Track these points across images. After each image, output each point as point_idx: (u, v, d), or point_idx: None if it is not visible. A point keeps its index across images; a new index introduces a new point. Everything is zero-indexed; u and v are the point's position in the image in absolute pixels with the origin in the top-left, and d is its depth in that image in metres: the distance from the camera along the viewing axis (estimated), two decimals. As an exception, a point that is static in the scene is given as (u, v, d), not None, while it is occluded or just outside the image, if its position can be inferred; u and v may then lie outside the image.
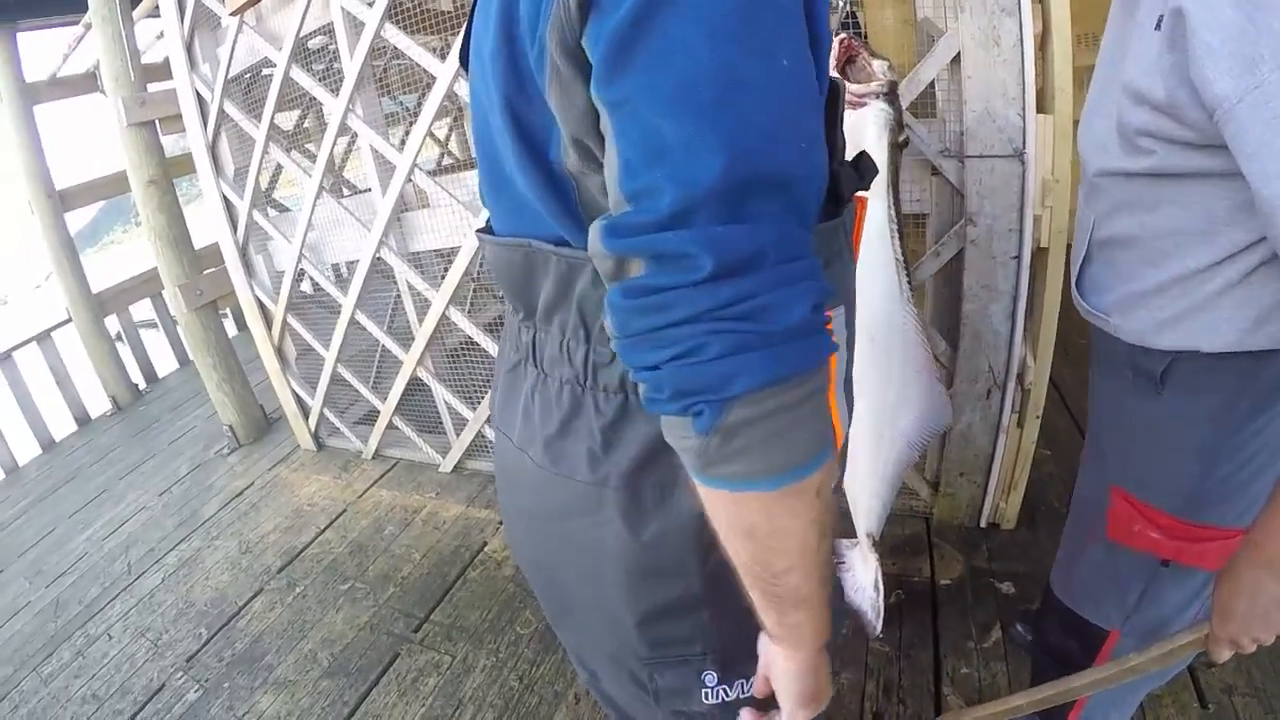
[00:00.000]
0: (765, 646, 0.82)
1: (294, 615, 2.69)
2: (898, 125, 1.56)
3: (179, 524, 3.46)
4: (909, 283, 1.64)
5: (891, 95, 1.56)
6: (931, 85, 2.04)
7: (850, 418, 0.90)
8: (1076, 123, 1.95)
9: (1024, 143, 1.96)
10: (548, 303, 0.81)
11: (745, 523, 0.66)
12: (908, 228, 2.40)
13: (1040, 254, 2.11)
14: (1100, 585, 1.30)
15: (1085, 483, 1.38)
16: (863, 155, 0.90)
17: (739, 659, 0.88)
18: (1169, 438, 1.14)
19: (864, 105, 1.57)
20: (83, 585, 3.11)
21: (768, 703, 0.86)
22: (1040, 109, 1.96)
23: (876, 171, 0.91)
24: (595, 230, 0.61)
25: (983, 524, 2.55)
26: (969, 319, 2.19)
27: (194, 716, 2.31)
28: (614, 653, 0.95)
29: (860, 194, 0.91)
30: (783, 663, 0.79)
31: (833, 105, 0.78)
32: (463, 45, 0.83)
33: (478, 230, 0.92)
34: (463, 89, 2.45)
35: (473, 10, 0.78)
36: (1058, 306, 2.15)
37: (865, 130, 1.58)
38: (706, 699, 0.91)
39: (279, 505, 3.47)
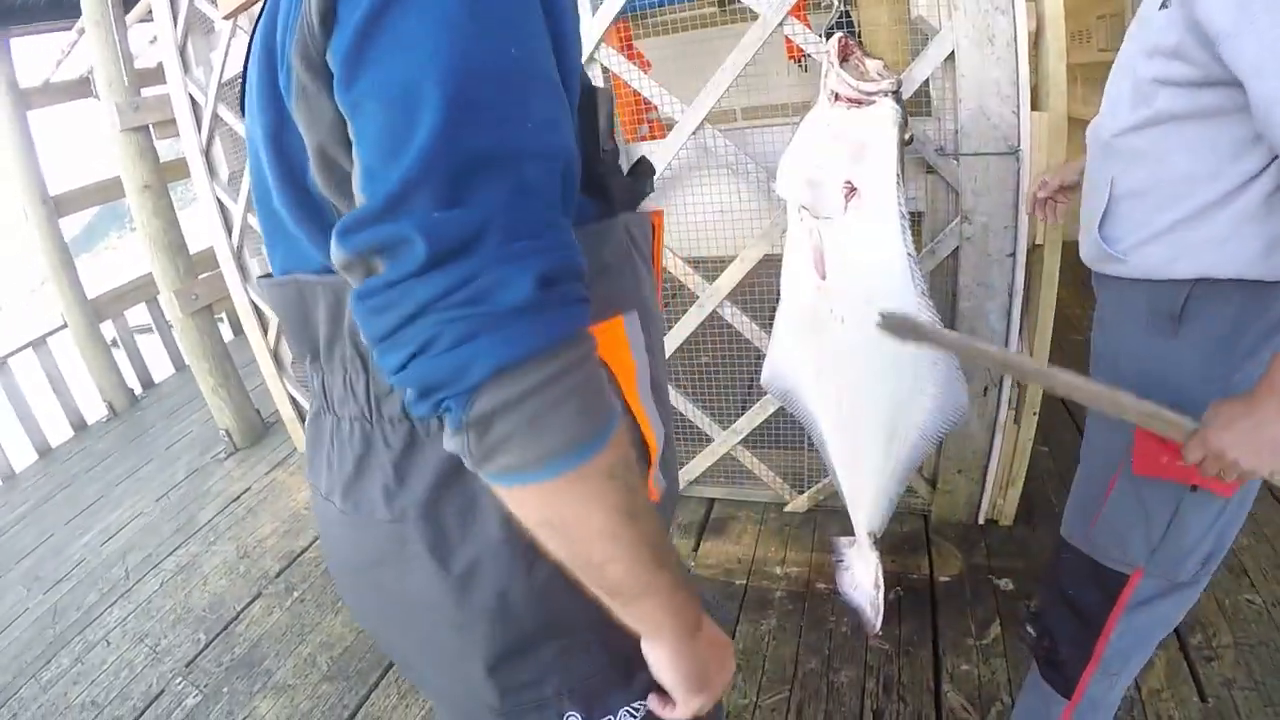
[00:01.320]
0: (642, 642, 0.77)
1: (292, 619, 2.69)
2: (905, 122, 1.57)
3: (176, 529, 3.44)
4: (923, 276, 1.64)
5: (898, 94, 1.57)
6: (926, 83, 2.04)
7: (664, 425, 0.88)
8: (1071, 119, 1.97)
9: (1019, 140, 1.97)
10: (327, 338, 0.77)
11: (537, 517, 0.63)
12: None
13: (1035, 251, 2.11)
14: (1127, 521, 1.33)
15: (1098, 430, 1.43)
16: (642, 161, 0.90)
17: (604, 688, 0.83)
18: (1186, 372, 1.22)
19: (872, 103, 1.58)
20: (80, 591, 3.10)
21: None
22: (1034, 106, 1.96)
23: (653, 173, 0.91)
24: (333, 236, 0.60)
25: (981, 521, 2.56)
26: (965, 316, 2.20)
27: (193, 722, 2.31)
28: (467, 710, 0.89)
29: (656, 209, 0.90)
30: (654, 654, 0.76)
31: (590, 107, 0.77)
32: (241, 89, 0.81)
33: (259, 277, 0.90)
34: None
35: (247, 56, 0.76)
36: (1054, 303, 2.16)
37: (873, 127, 1.58)
38: None
39: (276, 509, 3.47)
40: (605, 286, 0.76)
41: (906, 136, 1.58)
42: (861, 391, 1.75)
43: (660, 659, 0.75)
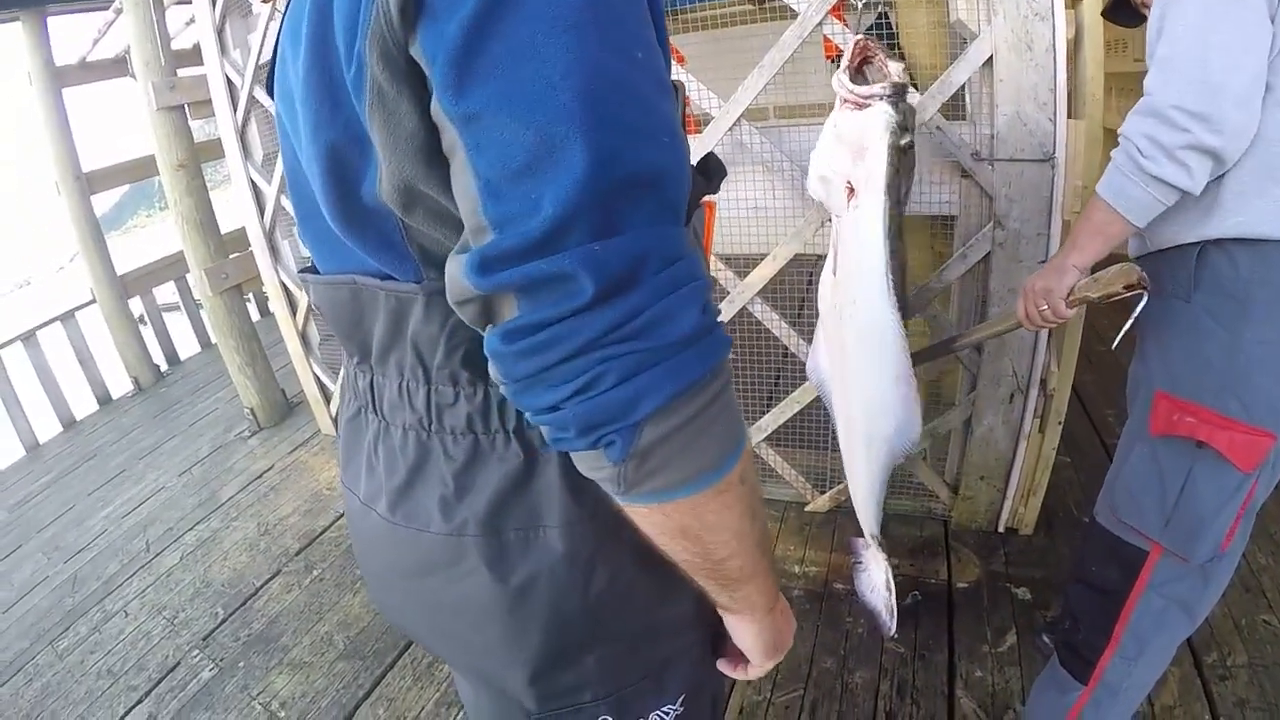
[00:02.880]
0: (725, 616, 0.81)
1: (311, 598, 2.71)
2: (900, 129, 1.54)
3: (198, 504, 3.48)
4: (898, 288, 1.63)
5: (896, 98, 1.54)
6: (963, 88, 2.03)
7: None
8: (1107, 129, 1.96)
9: (1054, 148, 1.96)
10: (382, 343, 0.75)
11: (676, 527, 0.64)
12: (935, 229, 2.40)
13: (1067, 259, 2.10)
14: (1143, 485, 1.41)
15: (1129, 411, 1.54)
16: (710, 157, 0.88)
17: (636, 696, 0.84)
18: (1198, 335, 1.32)
19: (868, 106, 1.57)
20: (101, 562, 3.14)
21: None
22: (1071, 114, 1.95)
23: (723, 173, 0.89)
24: (458, 267, 0.56)
25: (1001, 529, 2.55)
26: (994, 322, 2.19)
27: (208, 694, 2.33)
28: (500, 707, 0.89)
29: (708, 198, 0.88)
30: (742, 628, 0.80)
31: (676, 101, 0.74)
32: (270, 72, 0.76)
33: (300, 271, 0.85)
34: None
35: (279, 35, 0.72)
36: (1083, 313, 2.14)
37: (868, 130, 1.57)
38: None
39: (298, 489, 3.50)
40: None
41: (904, 142, 1.55)
42: (851, 391, 1.78)
43: (747, 632, 0.80)
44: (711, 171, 0.86)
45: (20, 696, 2.44)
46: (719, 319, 0.60)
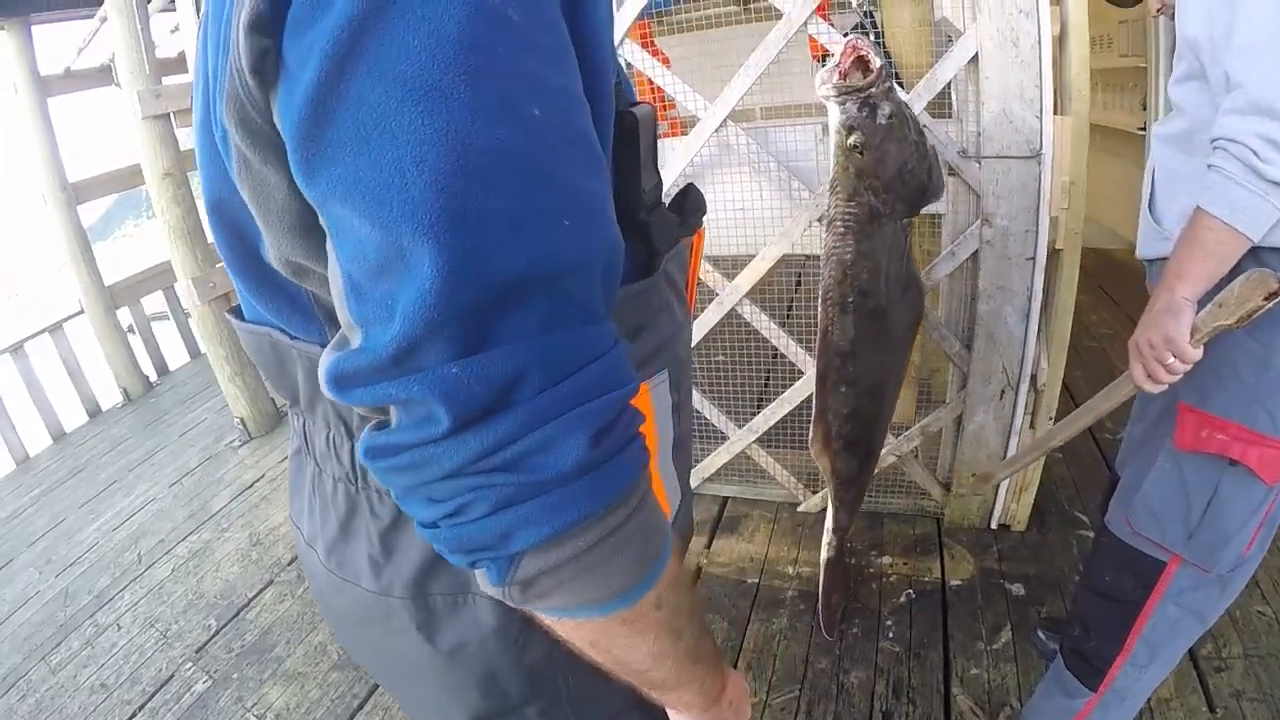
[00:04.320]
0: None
1: (304, 608, 2.70)
2: (846, 129, 1.49)
3: (189, 515, 3.46)
4: (847, 293, 1.63)
5: (845, 97, 1.49)
6: (949, 85, 2.03)
7: (680, 487, 0.84)
8: (1093, 125, 1.96)
9: (1041, 144, 1.96)
10: (306, 395, 0.70)
11: (584, 640, 0.58)
12: (924, 226, 2.40)
13: (1055, 256, 2.11)
14: (1166, 499, 1.36)
15: (1140, 419, 1.50)
16: (689, 193, 0.79)
17: None
18: (1227, 347, 1.24)
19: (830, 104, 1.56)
20: (92, 575, 3.12)
21: None
22: (1058, 110, 1.96)
23: (703, 209, 0.81)
24: (321, 372, 0.49)
25: (993, 525, 2.55)
26: (984, 319, 2.19)
27: (202, 707, 2.32)
28: None
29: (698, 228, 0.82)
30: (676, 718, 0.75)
31: (629, 135, 0.65)
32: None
33: (227, 311, 0.78)
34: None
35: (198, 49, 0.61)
36: (1072, 308, 2.15)
37: (832, 128, 1.55)
38: None
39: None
40: (636, 351, 0.67)
41: (849, 142, 1.49)
42: None
43: None
44: (688, 210, 0.78)
45: (14, 712, 2.43)
46: (633, 435, 0.53)
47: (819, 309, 1.66)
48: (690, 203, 0.79)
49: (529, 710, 0.77)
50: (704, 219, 0.83)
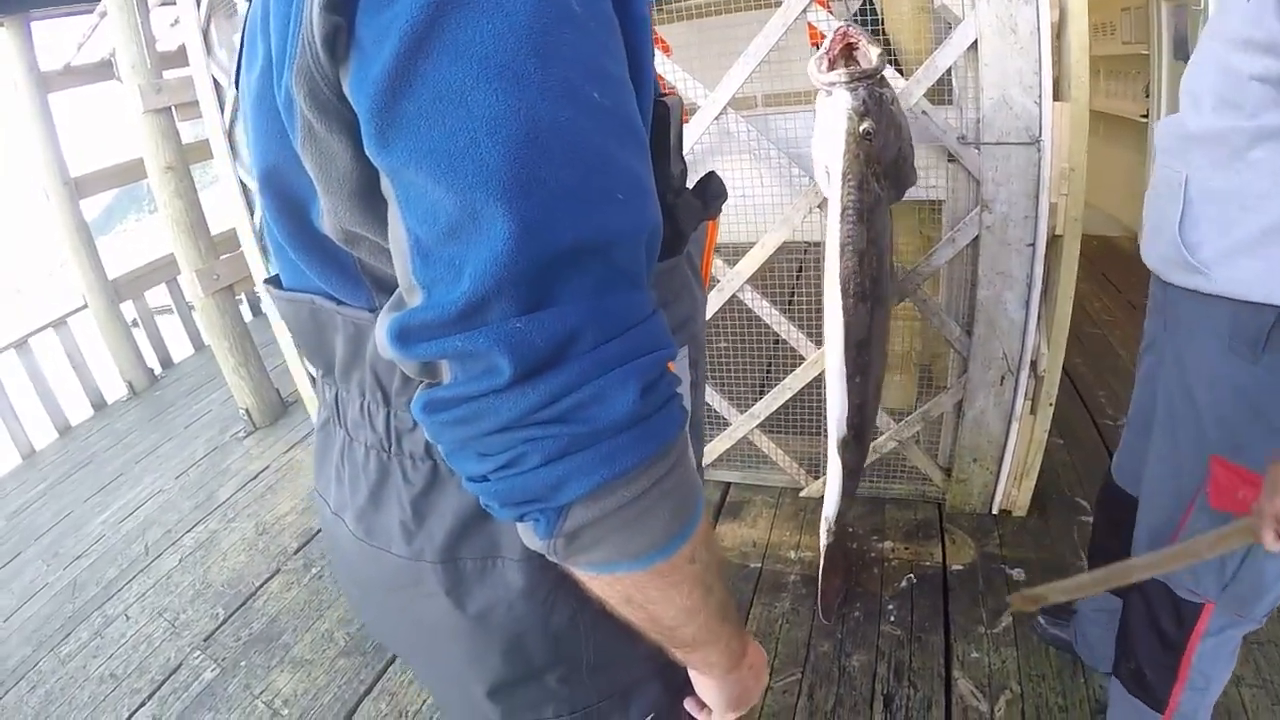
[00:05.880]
0: (689, 668, 0.79)
1: (310, 595, 2.72)
2: (858, 115, 1.53)
3: (195, 506, 3.48)
4: (860, 277, 1.67)
5: (857, 84, 1.52)
6: (948, 72, 2.04)
7: (697, 459, 0.87)
8: (1092, 111, 1.97)
9: (1040, 130, 1.96)
10: (343, 362, 0.72)
11: (619, 596, 0.61)
12: (923, 213, 2.41)
13: (1055, 241, 2.11)
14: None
15: (1165, 459, 1.39)
16: (711, 180, 0.83)
17: (602, 713, 0.83)
18: (1265, 403, 1.16)
19: (831, 93, 1.57)
20: (100, 567, 3.14)
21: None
22: (1057, 97, 1.96)
23: (724, 195, 0.84)
24: (382, 331, 0.52)
25: (994, 511, 2.57)
26: (984, 305, 2.20)
27: (211, 695, 2.34)
28: (466, 718, 0.89)
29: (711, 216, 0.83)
30: (703, 683, 0.79)
31: (662, 125, 0.68)
32: (238, 63, 0.69)
33: (264, 281, 0.81)
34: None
35: (245, 26, 0.65)
36: (1072, 294, 2.16)
37: (832, 116, 1.58)
38: None
39: (295, 487, 3.50)
40: None
41: (862, 128, 1.53)
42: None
43: (708, 687, 0.79)
44: (710, 196, 0.81)
45: (24, 703, 2.45)
46: (674, 393, 0.56)
47: (839, 301, 1.67)
48: (711, 189, 0.82)
49: (549, 677, 0.78)
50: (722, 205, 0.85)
